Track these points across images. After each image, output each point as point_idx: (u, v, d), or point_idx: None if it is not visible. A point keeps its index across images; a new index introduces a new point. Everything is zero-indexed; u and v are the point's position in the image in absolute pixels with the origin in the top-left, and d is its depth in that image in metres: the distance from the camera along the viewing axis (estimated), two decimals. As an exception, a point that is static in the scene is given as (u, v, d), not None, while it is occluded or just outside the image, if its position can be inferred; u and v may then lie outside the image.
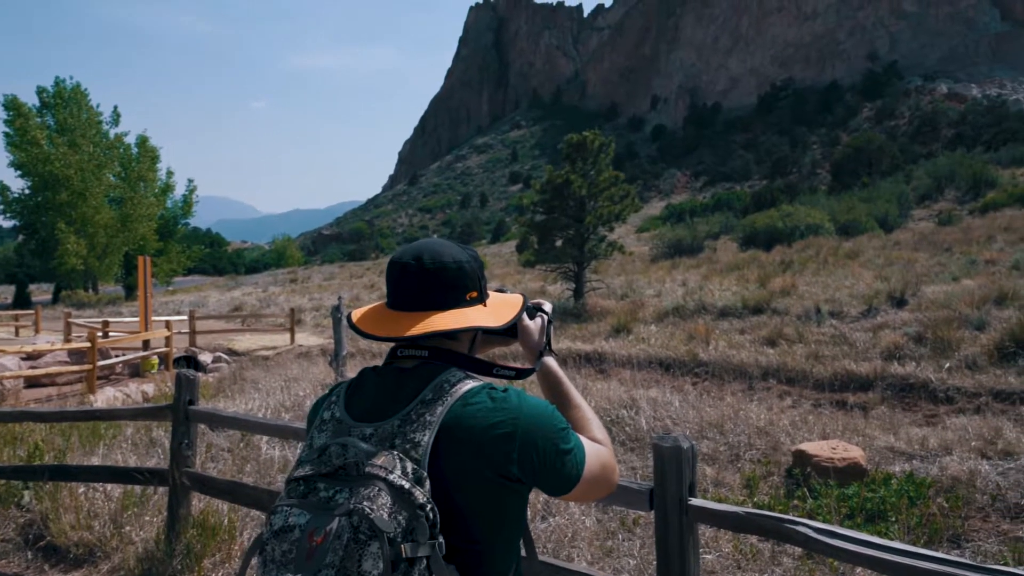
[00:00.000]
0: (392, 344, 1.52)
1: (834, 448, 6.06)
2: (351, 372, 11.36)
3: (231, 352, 16.79)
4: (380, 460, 1.25)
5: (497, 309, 1.58)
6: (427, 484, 1.27)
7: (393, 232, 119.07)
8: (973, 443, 6.56)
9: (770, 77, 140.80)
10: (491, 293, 1.63)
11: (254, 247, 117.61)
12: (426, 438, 1.32)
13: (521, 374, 1.63)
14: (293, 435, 4.24)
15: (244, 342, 18.14)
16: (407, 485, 1.23)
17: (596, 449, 1.53)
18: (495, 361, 1.60)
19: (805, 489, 5.62)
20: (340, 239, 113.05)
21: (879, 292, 14.76)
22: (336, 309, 11.94)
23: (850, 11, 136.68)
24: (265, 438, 6.65)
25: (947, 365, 10.03)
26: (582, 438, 1.50)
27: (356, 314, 1.55)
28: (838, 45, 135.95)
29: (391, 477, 1.23)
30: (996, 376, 9.41)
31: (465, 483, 1.33)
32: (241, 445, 6.84)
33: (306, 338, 18.46)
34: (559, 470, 1.41)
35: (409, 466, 1.27)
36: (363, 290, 31.38)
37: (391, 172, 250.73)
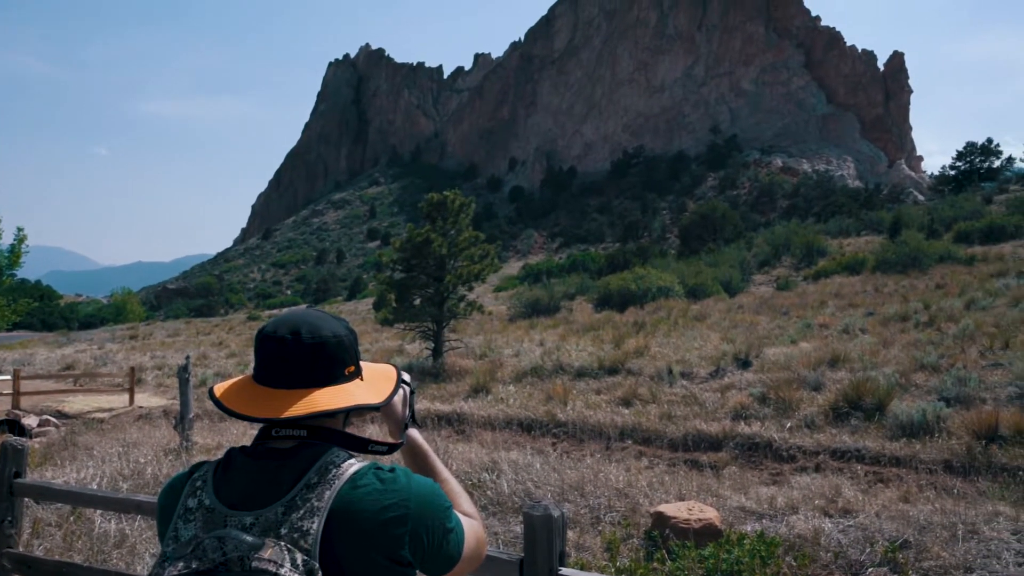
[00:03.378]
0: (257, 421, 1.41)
1: (690, 509, 6.19)
2: (198, 436, 10.75)
3: (61, 415, 15.55)
4: (268, 553, 1.13)
5: (375, 382, 1.51)
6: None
7: (244, 287, 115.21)
8: (816, 502, 6.86)
9: (622, 144, 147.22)
10: (363, 364, 1.56)
11: (90, 301, 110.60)
12: (315, 525, 1.21)
13: (393, 449, 1.56)
14: (136, 509, 3.92)
15: (76, 403, 16.85)
16: None
17: (470, 524, 1.49)
18: (369, 437, 1.52)
19: (664, 551, 5.70)
20: (186, 294, 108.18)
21: (726, 354, 15.41)
22: (183, 369, 11.32)
23: (694, 86, 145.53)
24: (99, 511, 6.14)
25: (788, 425, 10.52)
26: (457, 514, 1.45)
27: (220, 389, 1.43)
28: (684, 117, 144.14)
29: (282, 572, 1.12)
30: (832, 435, 9.94)
31: (357, 570, 1.24)
32: (71, 519, 6.29)
33: (147, 399, 17.40)
34: (444, 550, 1.36)
35: (299, 557, 1.16)
36: (211, 347, 30.04)
37: (243, 225, 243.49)
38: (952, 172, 67.93)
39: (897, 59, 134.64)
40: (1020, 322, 15.20)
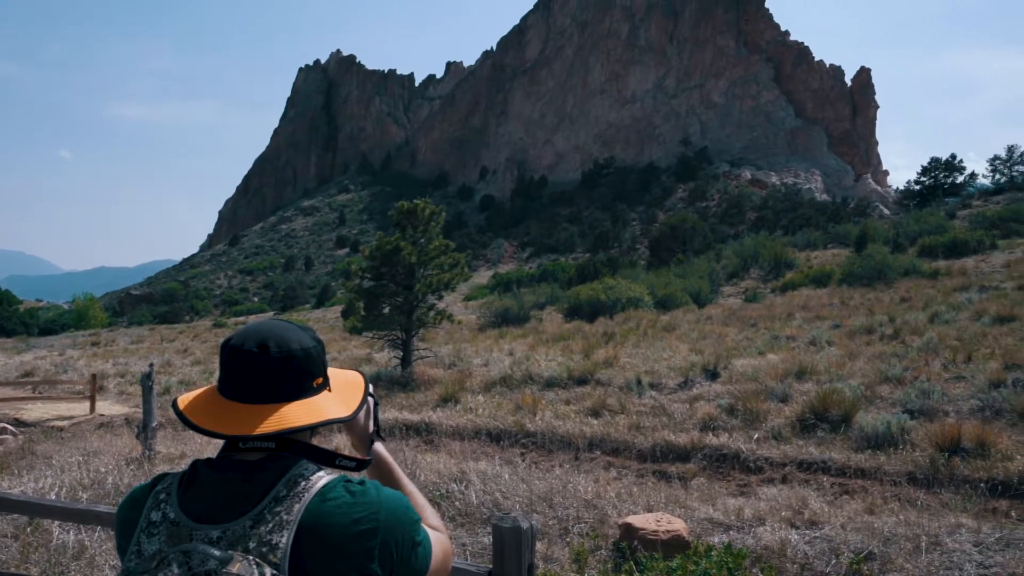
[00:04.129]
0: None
1: (658, 521, 6.19)
2: (161, 445, 10.59)
3: (19, 423, 15.22)
4: (236, 567, 1.11)
5: (343, 393, 1.49)
6: None
7: (211, 294, 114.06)
8: (783, 513, 6.89)
9: (593, 155, 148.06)
10: (329, 371, 1.53)
11: (51, 306, 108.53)
12: (284, 539, 1.19)
13: (361, 465, 1.53)
14: (96, 520, 3.84)
15: (35, 411, 16.53)
16: None
17: (437, 537, 1.48)
18: (336, 448, 1.49)
19: (632, 563, 5.69)
20: (151, 300, 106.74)
21: (694, 365, 15.49)
22: (147, 376, 11.15)
23: (665, 98, 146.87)
24: (58, 521, 6.01)
25: (756, 436, 10.57)
26: (424, 527, 1.44)
27: (184, 402, 1.39)
28: (655, 129, 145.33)
29: None
30: (799, 447, 10.00)
31: None
32: (28, 530, 6.15)
33: (109, 407, 17.10)
34: (413, 563, 1.34)
35: (268, 572, 1.14)
36: (175, 355, 29.66)
37: (210, 231, 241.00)
38: (917, 187, 69.10)
39: (864, 74, 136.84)
40: (982, 336, 15.44)
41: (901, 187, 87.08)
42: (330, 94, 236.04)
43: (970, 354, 13.74)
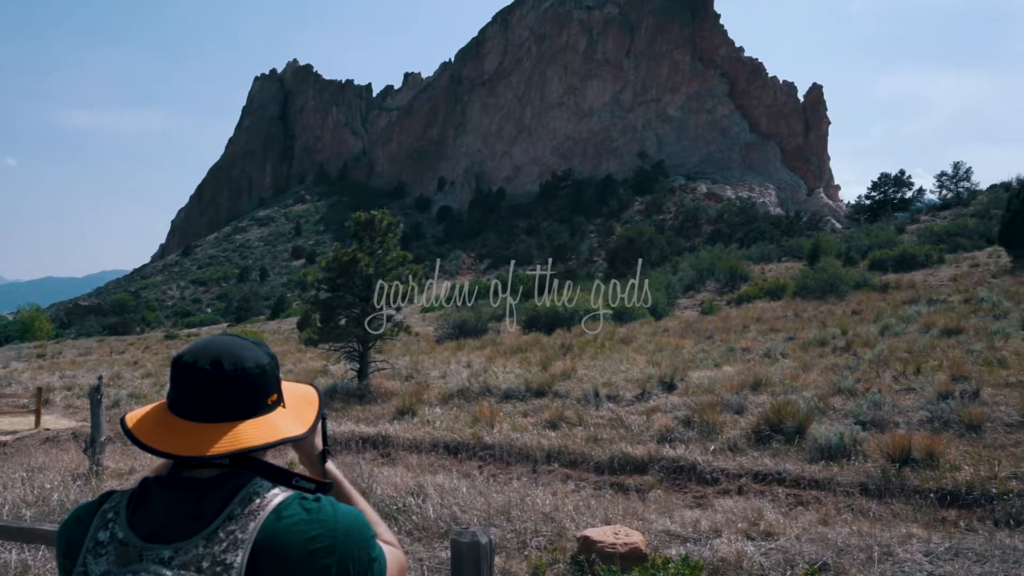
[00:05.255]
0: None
1: (616, 533, 6.19)
2: (110, 460, 10.34)
3: (-39, 437, 14.82)
4: None
5: (297, 410, 1.46)
6: None
7: (162, 305, 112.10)
8: (739, 525, 6.93)
9: (551, 167, 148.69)
10: (283, 385, 1.49)
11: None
12: (239, 558, 1.16)
13: (320, 488, 1.49)
14: (41, 539, 3.72)
15: (-22, 425, 16.09)
16: None
17: (392, 552, 1.47)
18: (291, 465, 1.46)
19: (590, 576, 5.68)
20: (100, 311, 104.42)
21: (651, 377, 15.57)
22: (95, 389, 10.90)
23: (622, 112, 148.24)
24: None
25: (712, 448, 10.64)
26: (379, 543, 1.41)
27: (133, 419, 1.35)
28: (612, 142, 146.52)
29: None
30: (754, 458, 10.09)
31: None
32: (-31, 550, 5.94)
33: (55, 421, 16.67)
34: None
35: None
36: (125, 367, 29.07)
37: (162, 241, 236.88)
38: (867, 202, 70.54)
39: (816, 91, 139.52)
40: (930, 348, 15.77)
41: (852, 202, 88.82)
42: (286, 103, 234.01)
43: (919, 366, 14.01)
